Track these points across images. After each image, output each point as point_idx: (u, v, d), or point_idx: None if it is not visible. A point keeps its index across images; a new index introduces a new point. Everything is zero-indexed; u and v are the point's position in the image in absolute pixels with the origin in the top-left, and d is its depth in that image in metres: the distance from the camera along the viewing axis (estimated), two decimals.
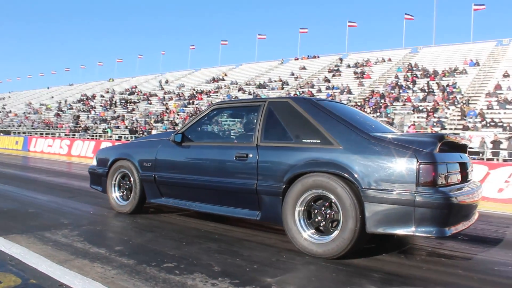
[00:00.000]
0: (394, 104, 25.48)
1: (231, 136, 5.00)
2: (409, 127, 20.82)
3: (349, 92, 29.88)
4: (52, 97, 58.14)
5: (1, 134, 34.07)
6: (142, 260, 3.22)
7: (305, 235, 3.58)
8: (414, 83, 28.18)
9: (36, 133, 35.31)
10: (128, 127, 31.42)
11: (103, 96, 48.03)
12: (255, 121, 4.21)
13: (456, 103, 23.75)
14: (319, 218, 3.58)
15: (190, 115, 31.22)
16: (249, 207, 4.04)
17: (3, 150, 24.70)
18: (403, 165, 3.23)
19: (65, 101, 50.69)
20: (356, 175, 3.36)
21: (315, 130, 3.74)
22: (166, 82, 48.26)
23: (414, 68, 31.31)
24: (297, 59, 44.82)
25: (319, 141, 3.67)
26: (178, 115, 32.73)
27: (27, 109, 52.40)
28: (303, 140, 3.78)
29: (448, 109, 23.20)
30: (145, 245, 3.71)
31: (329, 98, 24.78)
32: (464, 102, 23.68)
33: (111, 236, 4.12)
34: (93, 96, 49.18)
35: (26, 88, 75.49)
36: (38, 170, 11.43)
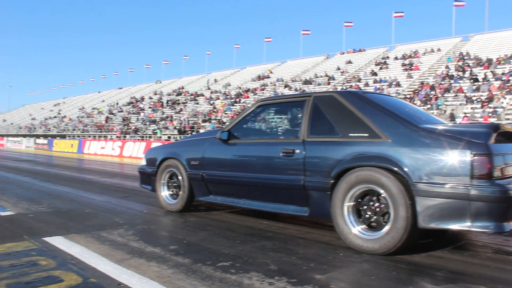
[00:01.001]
0: (445, 95, 24.62)
1: (277, 132, 4.95)
2: (462, 118, 20.05)
3: (398, 85, 29.14)
4: (103, 101, 60.11)
5: (58, 138, 35.50)
6: (197, 259, 3.21)
7: (355, 231, 3.50)
8: (465, 72, 27.12)
9: (89, 136, 36.58)
10: (177, 127, 31.98)
11: (152, 98, 49.14)
12: (301, 116, 4.15)
13: None
14: (369, 213, 3.48)
15: (237, 113, 31.41)
16: (297, 203, 3.98)
17: (60, 153, 25.74)
18: (456, 157, 3.08)
19: (116, 104, 52.23)
20: (406, 169, 3.24)
21: (362, 123, 3.64)
22: (216, 81, 48.68)
23: (465, 57, 30.14)
24: (343, 53, 44.25)
25: (366, 134, 3.57)
26: (225, 113, 33.00)
27: (80, 113, 54.39)
28: (350, 134, 3.69)
29: (505, 98, 22.16)
30: (199, 243, 3.71)
31: (377, 91, 24.22)
32: None
33: (165, 235, 4.15)
34: (142, 98, 50.42)
35: (79, 93, 78.67)
36: (92, 172, 11.79)
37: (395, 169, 3.28)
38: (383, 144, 3.42)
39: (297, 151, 3.91)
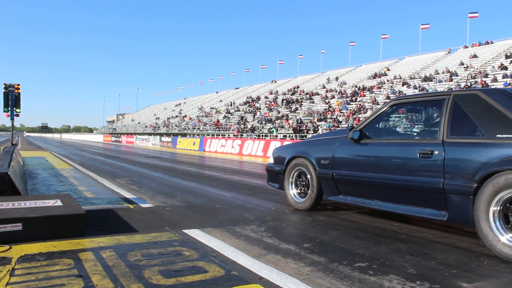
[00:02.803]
0: None
1: (412, 132, 4.76)
2: None
3: None
4: (221, 101, 62.69)
5: (179, 136, 37.76)
6: (333, 258, 3.22)
7: (504, 239, 3.24)
8: None
9: (208, 135, 38.40)
10: (292, 126, 32.27)
11: (267, 97, 50.14)
12: (439, 116, 3.96)
13: None
14: None
15: (353, 112, 30.86)
16: (434, 206, 3.80)
17: (183, 150, 27.38)
18: None
19: (232, 104, 54.18)
20: None
21: None
22: (336, 79, 48.07)
23: None
24: (467, 47, 41.26)
25: None
26: (341, 112, 32.60)
27: (199, 113, 57.33)
28: (497, 136, 3.42)
29: None
30: (332, 243, 3.72)
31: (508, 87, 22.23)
32: None
33: (296, 233, 4.22)
34: (258, 98, 51.66)
35: (198, 94, 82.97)
36: (215, 169, 12.36)
37: None
38: None
39: (436, 152, 3.73)
